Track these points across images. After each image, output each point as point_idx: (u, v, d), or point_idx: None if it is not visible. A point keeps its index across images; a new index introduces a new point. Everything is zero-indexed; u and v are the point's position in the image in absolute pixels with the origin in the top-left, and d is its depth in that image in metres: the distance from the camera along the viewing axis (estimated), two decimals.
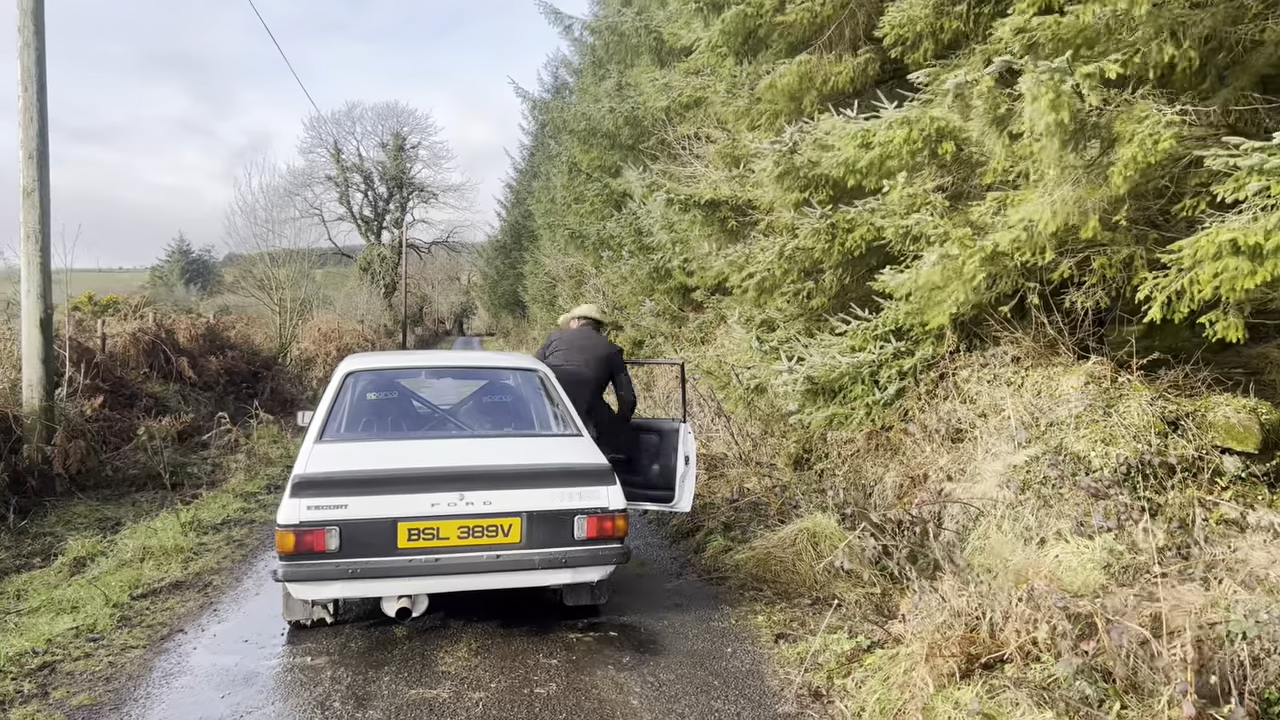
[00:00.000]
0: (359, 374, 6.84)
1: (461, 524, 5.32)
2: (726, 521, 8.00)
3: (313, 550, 5.11)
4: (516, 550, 5.39)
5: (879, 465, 8.83)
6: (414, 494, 5.29)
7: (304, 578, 5.15)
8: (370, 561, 5.17)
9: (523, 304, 41.02)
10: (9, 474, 9.26)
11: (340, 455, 5.74)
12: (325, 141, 61.96)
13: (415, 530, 5.25)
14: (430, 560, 5.25)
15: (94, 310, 17.86)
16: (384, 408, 6.96)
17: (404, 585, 5.32)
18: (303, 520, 5.11)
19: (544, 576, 5.49)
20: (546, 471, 5.58)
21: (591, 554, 5.49)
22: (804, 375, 8.78)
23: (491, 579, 5.42)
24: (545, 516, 5.43)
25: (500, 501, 5.37)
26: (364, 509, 5.19)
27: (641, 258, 16.39)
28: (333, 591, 5.33)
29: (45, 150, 9.75)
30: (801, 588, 6.49)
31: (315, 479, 5.30)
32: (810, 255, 8.87)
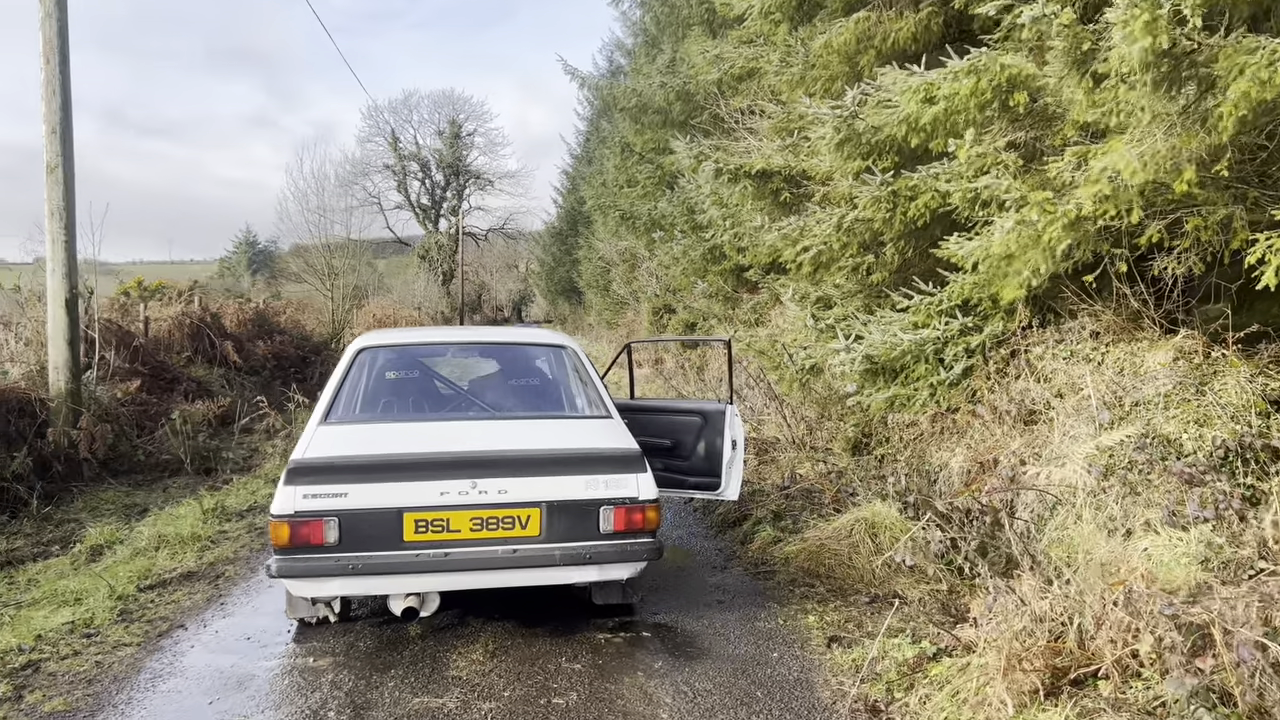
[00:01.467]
0: (371, 350, 6.33)
1: (474, 515, 4.78)
2: (777, 510, 7.38)
3: (309, 543, 4.61)
4: (535, 545, 4.84)
5: (944, 450, 8.23)
6: (421, 481, 4.76)
7: (300, 573, 4.64)
8: (373, 556, 4.66)
9: (578, 290, 40.61)
10: (33, 459, 8.93)
11: (344, 438, 5.25)
12: (383, 130, 62.14)
13: (423, 522, 4.73)
14: (439, 555, 4.72)
15: (141, 295, 17.61)
16: (397, 387, 6.43)
17: (411, 583, 4.79)
18: (298, 510, 4.61)
19: (566, 574, 4.94)
20: (568, 457, 5.02)
21: (619, 549, 4.91)
22: (863, 354, 8.19)
23: (508, 576, 4.89)
24: (567, 507, 4.88)
25: (517, 490, 4.83)
26: (366, 498, 4.69)
27: (693, 238, 15.86)
28: (332, 589, 4.80)
29: (69, 125, 9.39)
30: (858, 584, 5.87)
31: (312, 464, 4.79)
32: (870, 227, 8.34)
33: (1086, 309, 7.27)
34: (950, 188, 7.13)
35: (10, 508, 8.41)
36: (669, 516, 8.19)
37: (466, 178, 63.82)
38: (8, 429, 8.98)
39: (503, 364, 7.02)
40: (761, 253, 11.19)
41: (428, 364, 6.73)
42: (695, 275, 16.42)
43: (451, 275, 57.04)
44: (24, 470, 8.73)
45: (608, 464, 4.98)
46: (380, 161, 62.24)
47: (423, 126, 64.51)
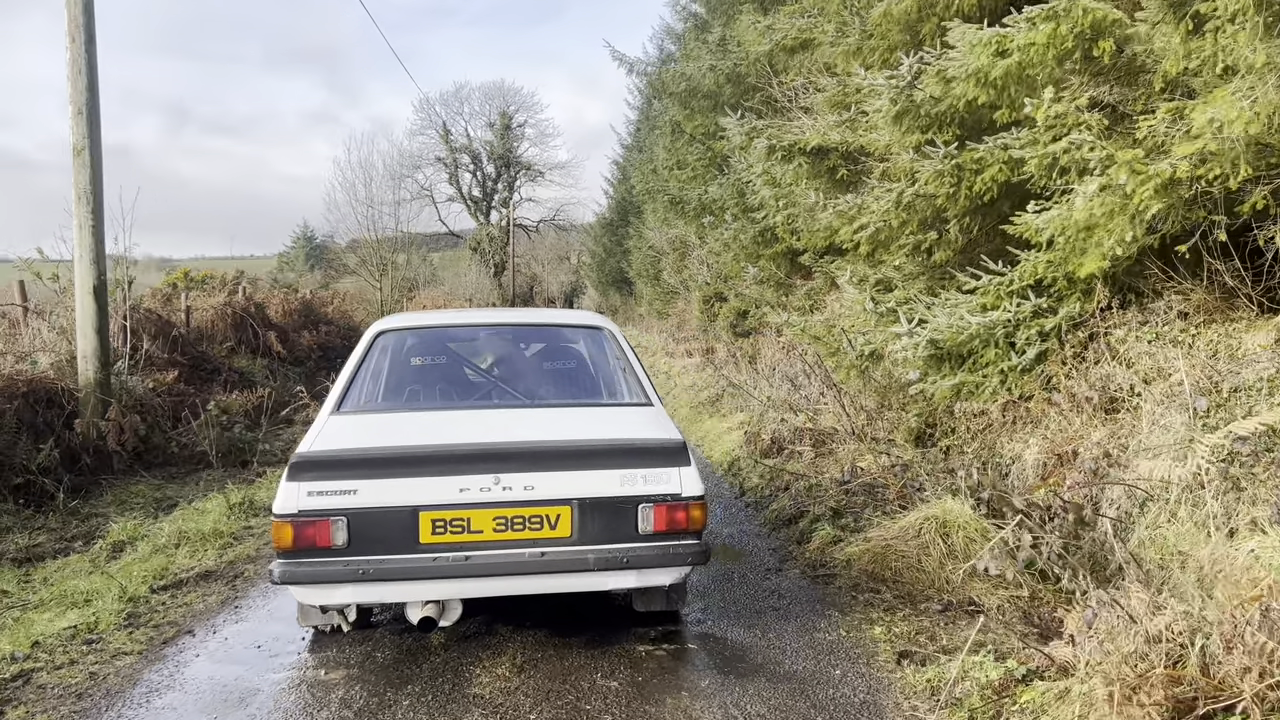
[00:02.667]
0: (391, 334, 5.90)
1: (498, 514, 4.28)
2: (836, 507, 6.80)
3: (315, 546, 4.15)
4: (566, 547, 4.33)
5: (1017, 441, 7.66)
6: (439, 477, 4.27)
7: (306, 579, 4.17)
8: (386, 560, 4.18)
9: (629, 281, 40.10)
10: (61, 451, 8.62)
11: (356, 429, 4.81)
12: (434, 123, 62.05)
13: (441, 522, 4.25)
14: (460, 559, 4.23)
15: (187, 285, 17.47)
16: (418, 373, 5.97)
17: (428, 589, 4.30)
18: (302, 509, 4.15)
19: (601, 579, 4.38)
20: (602, 449, 4.48)
21: (660, 552, 4.37)
22: (926, 339, 7.62)
23: (536, 582, 4.38)
24: (601, 505, 4.35)
25: (545, 486, 4.32)
26: (378, 495, 4.21)
27: (744, 221, 15.30)
28: (342, 596, 4.27)
29: (96, 105, 9.06)
30: (928, 589, 5.31)
31: (318, 458, 4.31)
32: (932, 203, 7.84)
33: (1173, 287, 6.67)
34: (1025, 153, 6.55)
35: (36, 502, 8.11)
36: (717, 512, 7.66)
37: (517, 169, 63.56)
38: (35, 420, 8.70)
39: (533, 347, 6.49)
40: (816, 234, 10.75)
41: (451, 348, 6.22)
42: (746, 260, 15.86)
43: (503, 267, 56.86)
44: (51, 463, 8.43)
45: (646, 456, 4.45)
46: (432, 154, 62.23)
47: (474, 118, 64.44)
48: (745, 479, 8.62)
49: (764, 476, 8.29)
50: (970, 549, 5.40)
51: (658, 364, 20.64)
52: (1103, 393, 6.81)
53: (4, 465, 8.08)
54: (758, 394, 11.46)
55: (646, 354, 23.81)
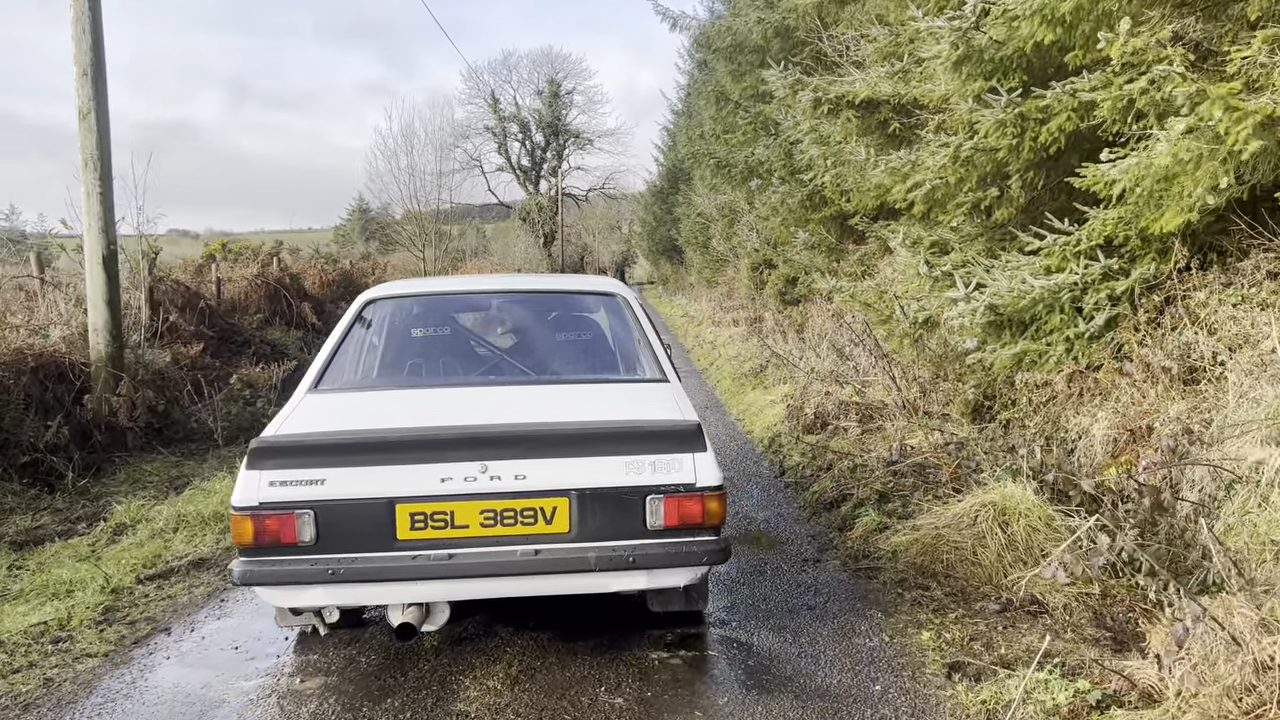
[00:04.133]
0: (381, 302, 5.40)
1: (485, 506, 3.75)
2: (882, 489, 6.18)
3: (280, 542, 3.66)
4: (564, 544, 3.79)
5: (1084, 415, 7.05)
6: (418, 464, 3.74)
7: (269, 580, 3.67)
8: (359, 559, 3.69)
9: (679, 249, 39.49)
10: (71, 428, 8.27)
11: (332, 410, 4.33)
12: (483, 92, 61.70)
13: (421, 515, 3.72)
14: (442, 557, 3.71)
15: (225, 256, 17.16)
16: (410, 347, 5.46)
17: (407, 591, 3.79)
18: (263, 501, 3.65)
19: (604, 580, 3.84)
20: (605, 432, 3.91)
21: (671, 550, 3.80)
22: (985, 304, 7.02)
23: (529, 583, 3.86)
24: (604, 496, 3.80)
25: (539, 475, 3.78)
26: (349, 485, 3.70)
27: (792, 184, 14.67)
28: (311, 599, 3.77)
29: (101, 66, 8.63)
30: (984, 585, 4.70)
31: (281, 444, 3.82)
32: (992, 157, 7.27)
33: (1261, 244, 6.04)
34: (1098, 96, 5.91)
35: (45, 481, 7.76)
36: (754, 494, 7.12)
37: (566, 137, 63.03)
38: (44, 396, 8.34)
39: (537, 316, 5.85)
40: (867, 194, 10.17)
41: (448, 318, 5.67)
42: (795, 225, 15.24)
43: (553, 237, 56.45)
44: (60, 441, 8.07)
45: (656, 440, 3.87)
46: (480, 124, 61.93)
47: (522, 87, 64.08)
48: (786, 457, 8.04)
49: (806, 454, 7.69)
50: (1033, 540, 4.79)
51: (703, 333, 20.05)
52: (1181, 362, 6.18)
53: (9, 443, 7.73)
54: (803, 364, 10.85)
55: (693, 323, 23.25)
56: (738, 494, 7.21)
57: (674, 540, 3.82)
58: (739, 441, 9.38)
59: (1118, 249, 6.55)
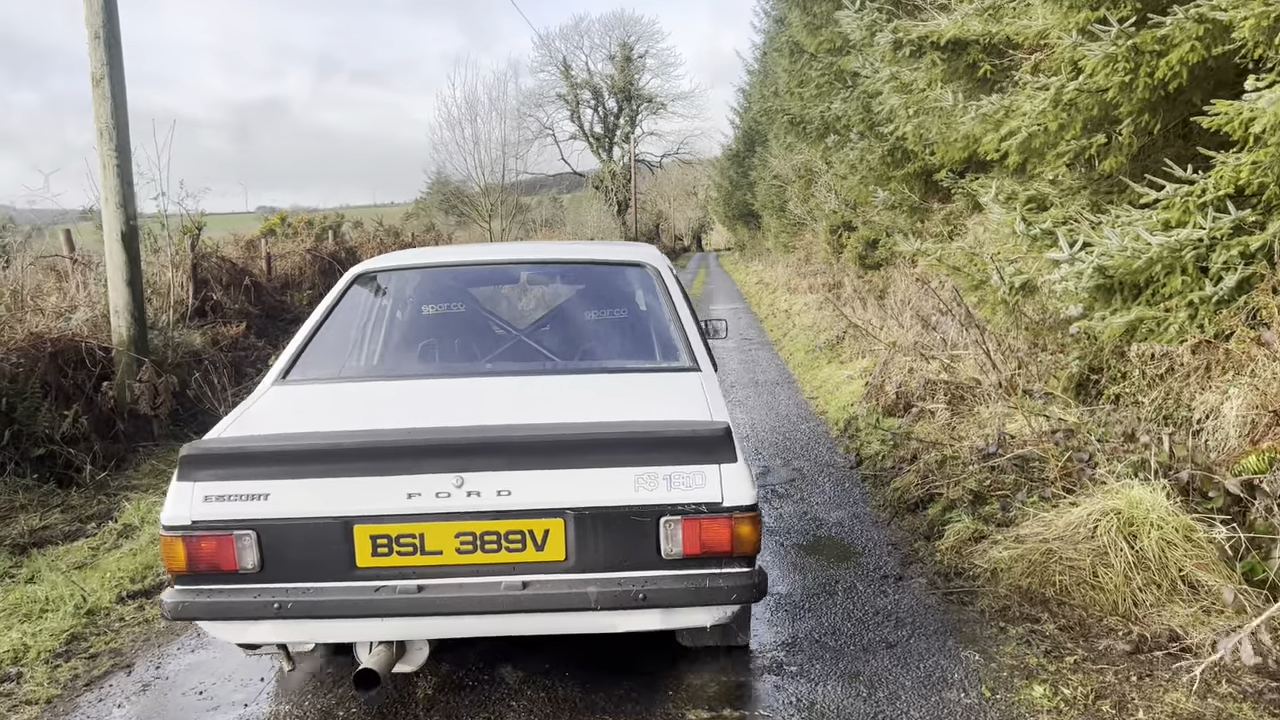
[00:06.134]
0: (372, 277, 4.71)
1: (462, 528, 3.04)
2: (977, 489, 5.24)
3: (218, 569, 3.04)
4: (558, 575, 3.08)
5: (1212, 391, 6.15)
6: (381, 476, 3.05)
7: (206, 613, 3.06)
8: (311, 589, 3.04)
9: (756, 214, 38.48)
10: (91, 417, 7.72)
11: (292, 407, 3.65)
12: (554, 59, 61.03)
13: (384, 539, 3.04)
14: (410, 589, 3.03)
15: (285, 231, 16.69)
16: (402, 329, 4.74)
17: (370, 628, 3.11)
18: (196, 520, 3.03)
19: (607, 620, 3.13)
20: (609, 437, 3.13)
21: (692, 585, 3.05)
22: (1093, 265, 6.09)
23: (517, 621, 3.17)
24: (608, 517, 3.06)
25: (527, 490, 3.06)
26: (297, 501, 3.03)
27: (871, 139, 13.71)
28: (259, 634, 3.14)
29: (115, 28, 7.99)
30: (1109, 615, 3.81)
31: (218, 451, 3.16)
32: (1100, 99, 6.36)
33: None
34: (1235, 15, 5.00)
35: (62, 475, 7.23)
36: (825, 488, 6.27)
37: (639, 102, 62.11)
38: (62, 383, 7.79)
39: (551, 292, 5.17)
40: (953, 145, 9.29)
41: (446, 293, 4.91)
42: (875, 183, 14.25)
43: (626, 205, 55.68)
44: (78, 431, 7.53)
45: (674, 447, 3.09)
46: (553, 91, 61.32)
47: (594, 52, 63.29)
48: (863, 443, 7.14)
49: (886, 442, 6.79)
50: (1168, 557, 3.88)
51: (778, 301, 19.12)
52: None
53: (22, 435, 7.20)
54: (883, 336, 9.92)
55: (767, 290, 22.30)
56: (806, 488, 6.37)
57: (695, 572, 3.08)
58: (810, 424, 8.50)
59: (1251, 199, 5.62)
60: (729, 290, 28.19)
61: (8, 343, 7.63)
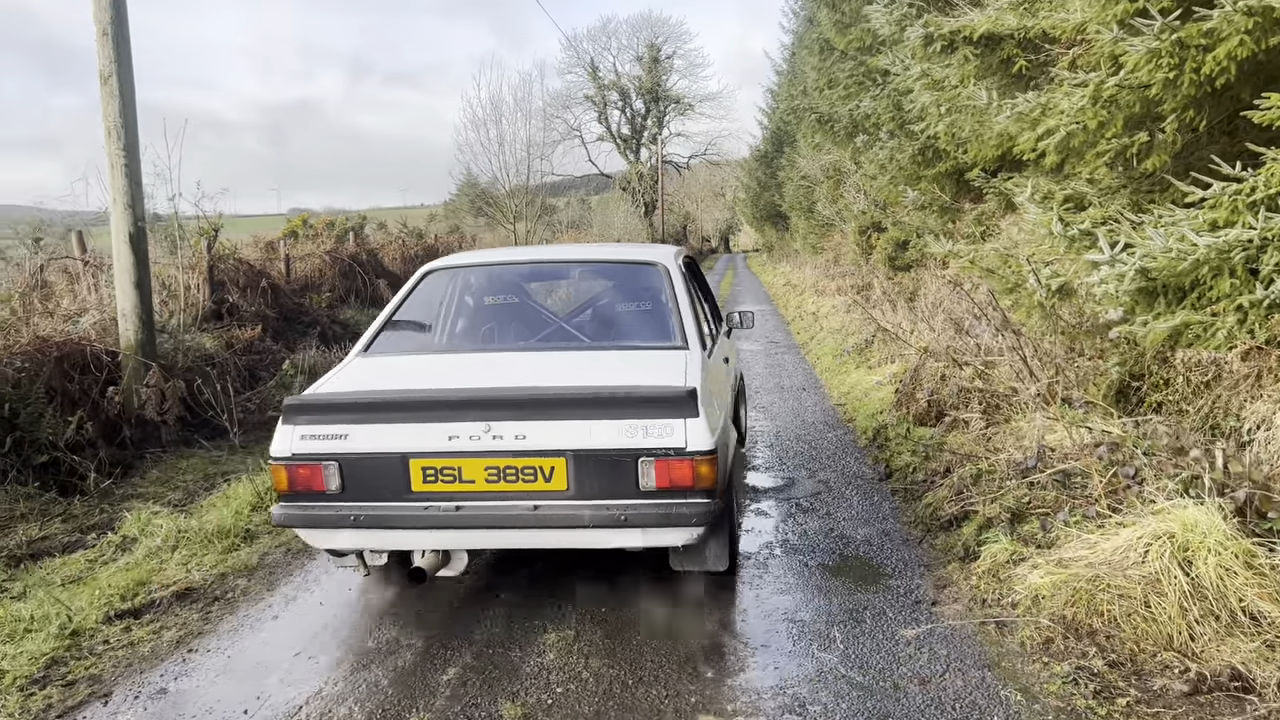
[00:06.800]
0: (440, 273, 5.77)
1: (489, 464, 4.01)
2: (1015, 507, 4.88)
3: (311, 490, 4.10)
4: (561, 501, 4.01)
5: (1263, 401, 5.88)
6: (429, 423, 4.03)
7: (301, 523, 4.16)
8: (377, 507, 4.08)
9: (784, 215, 38.13)
10: (97, 424, 7.52)
11: (371, 372, 4.73)
12: (582, 61, 60.88)
13: (431, 470, 4.03)
14: (451, 509, 4.02)
15: (307, 233, 16.52)
16: (459, 314, 5.79)
17: (421, 539, 4.16)
18: (295, 452, 4.09)
19: (600, 536, 4.06)
20: (599, 397, 4.02)
21: (663, 510, 3.95)
22: (1135, 267, 5.76)
23: (530, 536, 4.13)
24: (599, 458, 3.96)
25: (538, 436, 3.98)
26: (368, 440, 4.06)
27: (901, 138, 13.37)
28: (341, 541, 4.22)
29: (123, 24, 7.79)
30: (1163, 650, 3.48)
31: (312, 401, 4.22)
32: (1142, 95, 6.04)
33: None
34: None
35: (66, 483, 7.04)
36: (853, 502, 5.98)
37: (666, 103, 61.83)
38: (68, 388, 7.61)
39: (580, 285, 6.48)
40: (987, 144, 8.99)
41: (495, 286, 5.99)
42: (905, 183, 13.91)
43: (653, 206, 55.41)
44: (83, 438, 7.33)
45: (649, 405, 3.97)
46: (580, 93, 61.18)
47: (621, 53, 63.18)
48: (893, 454, 6.82)
49: (918, 453, 6.46)
50: (1227, 585, 3.55)
51: (805, 303, 18.78)
52: None
53: (24, 442, 7.01)
54: (914, 340, 9.59)
55: (795, 292, 21.98)
56: (833, 502, 6.07)
57: (666, 501, 3.95)
58: (838, 432, 8.19)
59: None
60: (756, 292, 27.85)
61: (12, 347, 7.45)
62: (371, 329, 5.20)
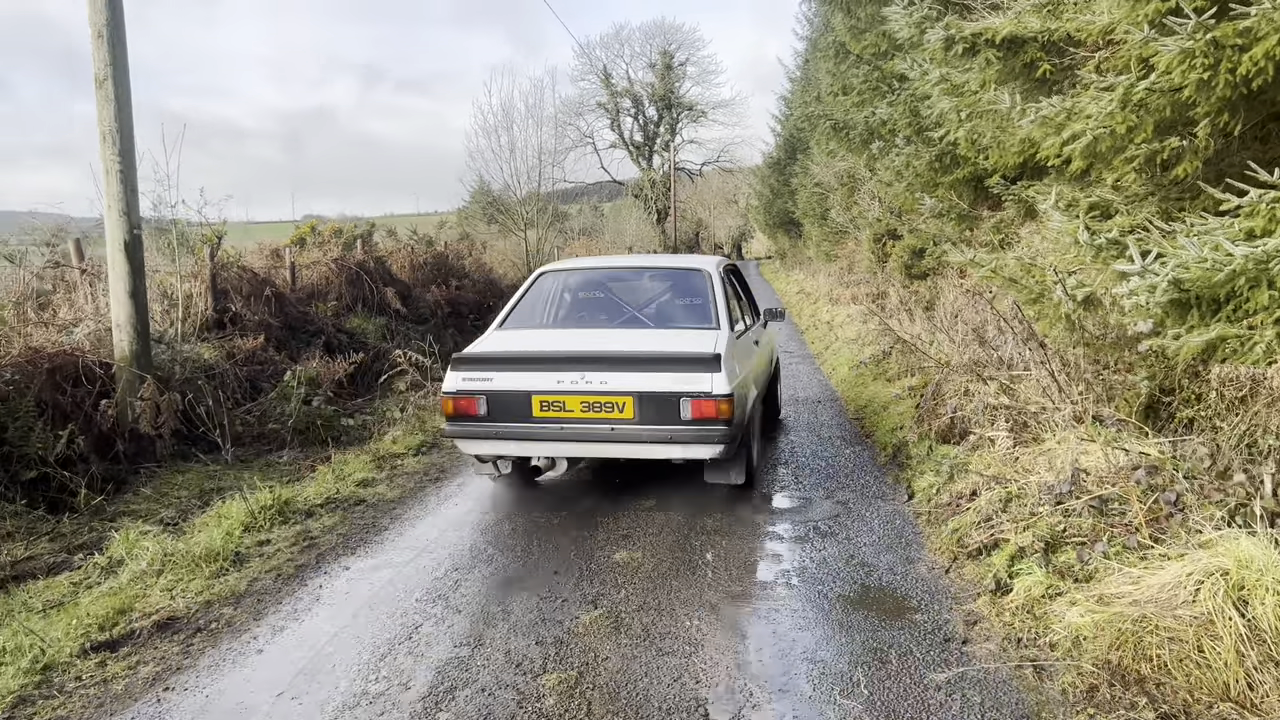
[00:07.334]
0: (547, 274, 7.86)
1: (583, 399, 5.90)
2: (1048, 535, 4.55)
3: (468, 414, 6.13)
4: (629, 425, 5.86)
5: None
6: (544, 372, 5.98)
7: (461, 435, 6.22)
8: (511, 425, 6.06)
9: (797, 223, 37.82)
10: (90, 438, 7.29)
11: (505, 339, 6.77)
12: (595, 68, 60.66)
13: (546, 402, 5.96)
14: (557, 428, 5.96)
15: (315, 240, 16.30)
16: (560, 302, 7.75)
17: (538, 448, 6.14)
18: (458, 389, 6.13)
19: (654, 450, 5.93)
20: (656, 357, 5.94)
21: (696, 433, 5.77)
22: (1168, 278, 5.47)
23: (608, 448, 6.04)
24: (654, 397, 5.80)
25: (614, 382, 5.86)
26: (505, 382, 6.06)
27: (918, 144, 13.07)
28: (485, 449, 6.28)
29: (119, 27, 7.57)
30: (1220, 701, 3.18)
31: (469, 357, 6.28)
32: (1174, 99, 5.77)
33: None
34: None
35: (53, 500, 6.79)
36: (874, 526, 5.69)
37: (679, 110, 61.53)
38: (59, 401, 7.37)
39: (646, 284, 7.97)
40: (1009, 151, 8.75)
41: (593, 282, 7.97)
42: (922, 190, 13.61)
43: (666, 213, 55.13)
44: (76, 453, 7.09)
45: (688, 364, 5.83)
46: (593, 100, 60.95)
47: (634, 60, 62.88)
48: (915, 474, 6.52)
49: (941, 472, 6.15)
50: None
51: (819, 312, 18.46)
52: None
53: (12, 457, 6.78)
54: (934, 352, 9.29)
55: (808, 300, 21.68)
56: (853, 525, 5.81)
57: (697, 428, 5.76)
58: (855, 448, 7.89)
59: None
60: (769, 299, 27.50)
61: (1, 358, 7.21)
62: (504, 311, 7.36)
